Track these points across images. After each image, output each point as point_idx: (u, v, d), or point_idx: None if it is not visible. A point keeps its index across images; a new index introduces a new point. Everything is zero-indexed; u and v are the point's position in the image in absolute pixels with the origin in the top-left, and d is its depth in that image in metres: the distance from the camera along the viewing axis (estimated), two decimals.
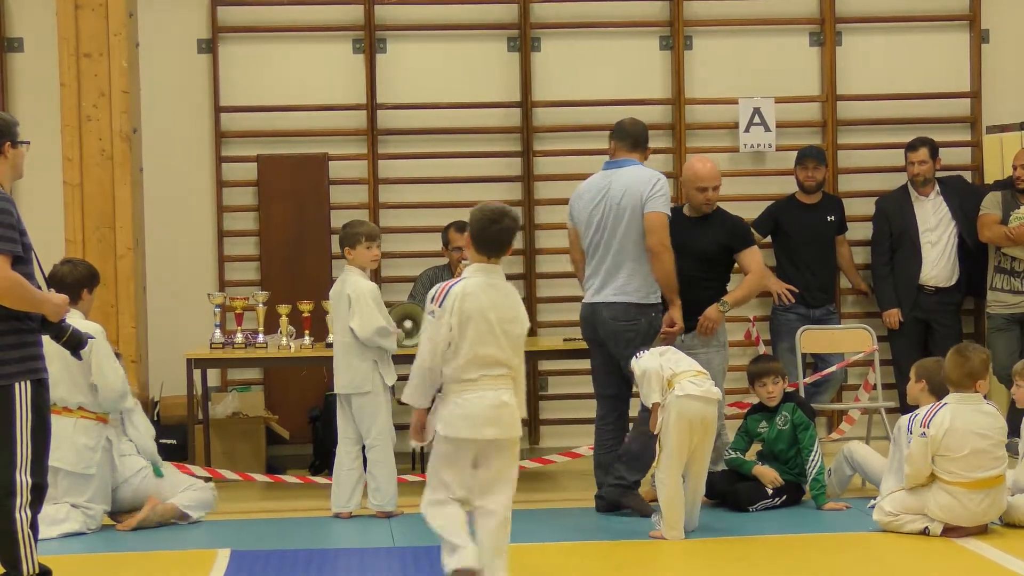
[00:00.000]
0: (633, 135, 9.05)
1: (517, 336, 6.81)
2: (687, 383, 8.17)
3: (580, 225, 9.05)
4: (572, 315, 10.34)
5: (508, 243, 6.86)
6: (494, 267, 6.83)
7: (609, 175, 9.00)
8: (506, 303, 6.80)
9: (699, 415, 8.15)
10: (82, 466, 8.55)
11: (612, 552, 8.01)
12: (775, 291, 10.97)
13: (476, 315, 6.68)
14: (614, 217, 8.88)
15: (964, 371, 8.04)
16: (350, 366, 8.98)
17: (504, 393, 6.72)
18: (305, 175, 11.15)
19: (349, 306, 8.91)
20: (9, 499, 6.36)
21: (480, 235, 6.81)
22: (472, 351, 6.68)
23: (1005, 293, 10.80)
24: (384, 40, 11.37)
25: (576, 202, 9.09)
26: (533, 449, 11.27)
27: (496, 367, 6.71)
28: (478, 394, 6.69)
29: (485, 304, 6.71)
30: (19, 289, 6.36)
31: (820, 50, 11.58)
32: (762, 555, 7.85)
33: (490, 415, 6.68)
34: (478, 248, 6.83)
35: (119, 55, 10.01)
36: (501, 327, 6.72)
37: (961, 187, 11.08)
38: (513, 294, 6.91)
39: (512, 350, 6.77)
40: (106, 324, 9.75)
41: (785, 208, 11.10)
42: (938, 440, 7.88)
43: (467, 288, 6.73)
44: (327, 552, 8.03)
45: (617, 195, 8.87)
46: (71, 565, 7.49)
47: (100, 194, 10.01)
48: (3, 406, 6.35)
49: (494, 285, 6.79)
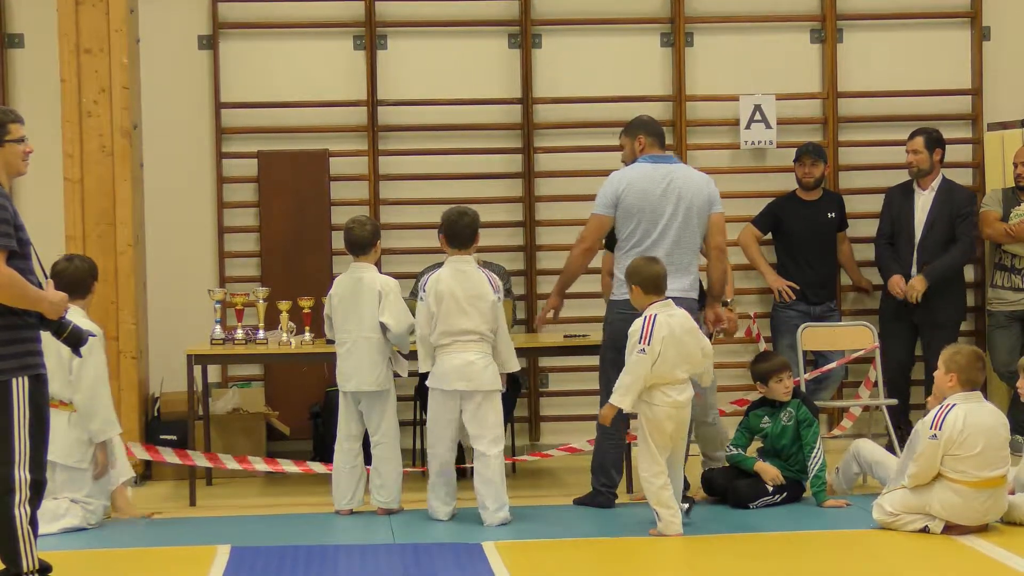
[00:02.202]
0: (658, 131, 9.08)
1: (485, 308, 8.53)
2: (668, 390, 8.17)
3: (631, 214, 8.83)
4: (572, 312, 10.36)
5: (472, 235, 8.66)
6: (464, 256, 8.65)
7: (664, 169, 8.91)
8: (470, 283, 8.55)
9: (674, 422, 8.21)
10: (75, 460, 8.54)
11: (612, 549, 8.01)
12: (775, 288, 10.97)
13: (447, 295, 8.52)
14: (684, 211, 8.83)
15: (961, 371, 8.05)
16: (376, 364, 8.91)
17: (472, 355, 8.52)
18: (305, 171, 11.15)
19: (379, 301, 8.89)
20: (8, 496, 6.36)
21: (449, 231, 8.66)
22: (446, 323, 8.52)
23: (1005, 290, 10.80)
24: (385, 36, 11.37)
25: (629, 191, 8.84)
26: (533, 445, 11.27)
27: (466, 335, 8.52)
28: (451, 355, 8.55)
29: (454, 285, 8.54)
30: (14, 287, 6.34)
31: (821, 47, 11.57)
32: (762, 552, 7.85)
33: (460, 372, 8.52)
34: (449, 242, 8.67)
35: (119, 51, 9.99)
36: (469, 302, 8.51)
37: (953, 190, 10.97)
38: (479, 276, 8.61)
39: (482, 319, 8.53)
40: (106, 320, 9.77)
41: (785, 205, 11.10)
42: (952, 440, 7.85)
43: (440, 275, 8.63)
44: (327, 548, 8.03)
45: (687, 190, 8.84)
46: (71, 561, 7.48)
47: (100, 190, 10.00)
48: (1, 402, 6.34)
49: (462, 271, 8.60)
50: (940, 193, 10.79)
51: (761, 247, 11.15)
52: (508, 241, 11.39)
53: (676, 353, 8.14)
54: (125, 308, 9.99)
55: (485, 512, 8.59)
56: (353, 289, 8.98)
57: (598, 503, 8.98)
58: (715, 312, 9.07)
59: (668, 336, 8.12)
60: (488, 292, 8.58)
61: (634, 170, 8.96)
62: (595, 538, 8.25)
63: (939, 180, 10.85)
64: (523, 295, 11.33)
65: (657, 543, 8.07)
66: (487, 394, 8.60)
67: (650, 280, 8.28)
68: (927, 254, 10.69)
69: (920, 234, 10.74)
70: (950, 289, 10.80)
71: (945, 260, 10.65)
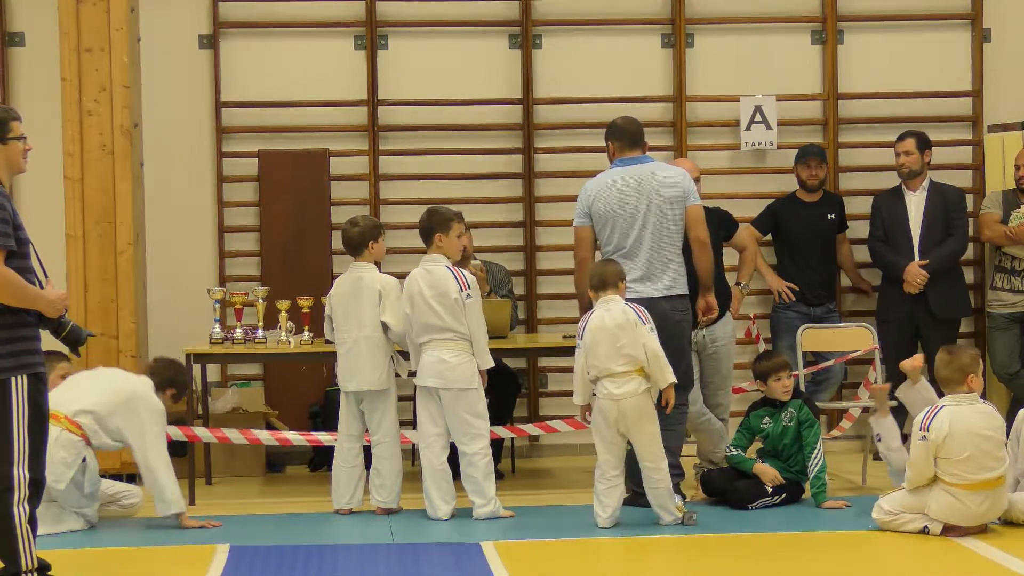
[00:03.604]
0: (630, 133, 9.01)
1: (450, 304, 8.70)
2: (606, 382, 8.35)
3: (605, 220, 8.88)
4: (571, 312, 10.34)
5: (426, 232, 8.89)
6: (436, 256, 8.87)
7: (635, 170, 8.91)
8: (434, 280, 8.75)
9: (613, 414, 8.34)
10: (52, 479, 8.33)
11: (612, 549, 8.01)
12: (775, 289, 10.97)
13: (416, 294, 8.80)
14: (658, 209, 8.83)
15: (954, 367, 8.02)
16: (377, 363, 8.94)
17: (446, 352, 8.72)
18: (306, 171, 11.15)
19: (380, 300, 8.90)
20: (7, 495, 6.36)
21: (421, 230, 8.96)
22: (420, 322, 8.78)
23: (1005, 292, 10.80)
24: (385, 36, 11.37)
25: (599, 199, 8.88)
26: (533, 445, 11.27)
27: (440, 332, 8.73)
28: (427, 353, 8.77)
29: (422, 285, 8.79)
30: (12, 286, 6.35)
31: (822, 48, 11.57)
32: (762, 552, 7.85)
33: (432, 369, 8.73)
34: (424, 240, 8.96)
35: (120, 50, 10.00)
36: (436, 300, 8.72)
37: (943, 188, 10.97)
38: (444, 273, 8.78)
39: (451, 316, 8.71)
40: (106, 319, 9.79)
41: (785, 206, 11.10)
42: (938, 443, 7.85)
43: (412, 276, 8.90)
44: (326, 548, 8.03)
45: (657, 189, 8.83)
46: (70, 560, 7.48)
47: (101, 189, 10.00)
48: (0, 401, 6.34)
49: (429, 270, 8.83)
50: (932, 193, 10.82)
51: (761, 248, 11.15)
52: (508, 241, 11.39)
53: (608, 346, 8.32)
54: (125, 307, 10.00)
55: (473, 507, 8.77)
56: (354, 289, 8.98)
57: (639, 504, 8.81)
58: (705, 300, 9.06)
59: (599, 328, 8.35)
60: (451, 289, 8.71)
61: (603, 177, 9.00)
62: (594, 538, 8.25)
63: (927, 181, 10.87)
64: (523, 295, 11.33)
65: (657, 543, 8.07)
66: (460, 392, 8.74)
67: (596, 277, 8.52)
68: (928, 252, 10.71)
69: (919, 233, 10.75)
70: (950, 288, 10.80)
71: (942, 252, 10.67)
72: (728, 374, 9.66)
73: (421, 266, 8.88)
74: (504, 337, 9.74)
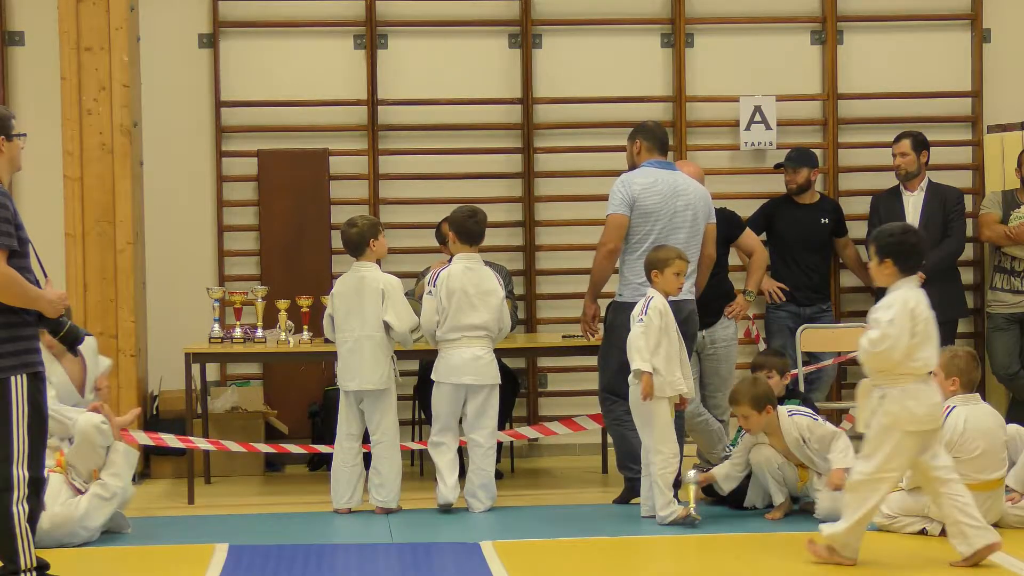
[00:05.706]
0: (660, 137, 9.15)
1: (495, 304, 8.87)
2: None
3: (647, 215, 8.89)
4: (571, 312, 10.36)
5: (481, 233, 8.97)
6: (472, 254, 8.96)
7: (675, 177, 9.03)
8: (480, 279, 8.88)
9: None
10: None
11: (612, 549, 8.01)
12: (766, 289, 10.97)
13: (458, 291, 8.81)
14: (692, 219, 8.95)
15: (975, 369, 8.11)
16: (379, 363, 8.93)
17: (478, 349, 8.85)
18: (305, 170, 11.15)
19: (382, 300, 8.90)
20: (6, 494, 6.36)
21: (460, 228, 8.95)
22: (455, 318, 8.81)
23: (1005, 292, 10.80)
24: (385, 36, 11.37)
25: (646, 194, 8.89)
26: (532, 445, 11.27)
27: (474, 330, 8.84)
28: (459, 350, 8.83)
29: (465, 282, 8.84)
30: (14, 286, 6.35)
31: (821, 48, 11.57)
32: (760, 553, 7.84)
33: (469, 366, 8.82)
34: (460, 239, 8.97)
35: (120, 49, 10.00)
36: (479, 298, 8.83)
37: (941, 188, 10.97)
38: (488, 272, 8.95)
39: (490, 315, 8.86)
40: (105, 318, 9.79)
41: (779, 207, 11.10)
42: (952, 443, 7.84)
43: (451, 271, 8.89)
44: (325, 547, 8.03)
45: (694, 201, 8.98)
46: (69, 558, 7.48)
47: (100, 188, 10.00)
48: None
49: (471, 268, 8.90)
50: (930, 193, 10.83)
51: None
52: (508, 241, 11.38)
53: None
54: (124, 306, 10.00)
55: (474, 500, 8.82)
56: (356, 288, 8.98)
57: (638, 491, 8.84)
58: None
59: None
60: (497, 288, 8.97)
61: (645, 174, 9.00)
62: (594, 538, 8.25)
63: (926, 181, 10.88)
64: (523, 295, 11.33)
65: (654, 543, 8.07)
66: (492, 388, 8.95)
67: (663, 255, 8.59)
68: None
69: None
70: (946, 289, 10.79)
71: (939, 253, 10.67)
72: (728, 376, 9.65)
73: (459, 262, 8.95)
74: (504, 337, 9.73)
